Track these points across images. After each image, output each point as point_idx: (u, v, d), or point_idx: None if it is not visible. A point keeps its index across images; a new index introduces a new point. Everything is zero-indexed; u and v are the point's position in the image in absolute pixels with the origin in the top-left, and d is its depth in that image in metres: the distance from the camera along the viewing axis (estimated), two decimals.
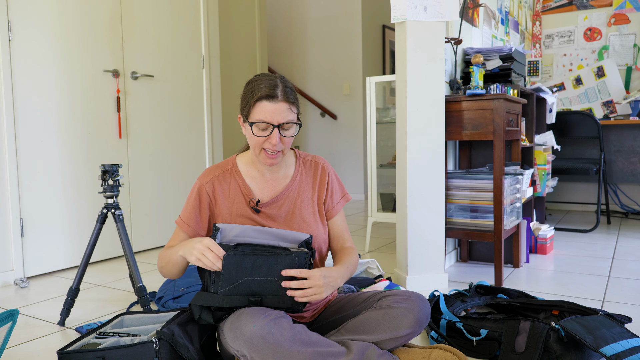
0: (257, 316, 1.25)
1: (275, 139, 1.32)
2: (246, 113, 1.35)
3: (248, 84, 1.37)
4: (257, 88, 1.32)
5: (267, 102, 1.31)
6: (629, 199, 4.33)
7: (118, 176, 1.95)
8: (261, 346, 1.21)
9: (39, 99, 2.65)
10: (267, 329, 1.22)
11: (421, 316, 1.37)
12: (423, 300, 1.41)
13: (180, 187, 3.43)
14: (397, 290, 1.50)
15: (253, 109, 1.33)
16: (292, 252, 1.30)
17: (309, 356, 1.20)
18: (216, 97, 3.72)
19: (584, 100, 4.49)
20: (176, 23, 3.39)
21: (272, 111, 1.31)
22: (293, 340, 1.22)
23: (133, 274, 1.92)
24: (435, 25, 2.22)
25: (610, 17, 4.40)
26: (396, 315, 1.35)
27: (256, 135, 1.34)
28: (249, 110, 1.33)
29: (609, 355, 1.29)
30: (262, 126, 1.32)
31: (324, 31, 5.63)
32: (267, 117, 1.31)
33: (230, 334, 1.27)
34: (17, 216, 2.55)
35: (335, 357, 1.23)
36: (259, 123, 1.32)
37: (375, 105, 3.03)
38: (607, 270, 2.55)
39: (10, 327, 1.32)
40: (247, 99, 1.34)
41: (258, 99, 1.31)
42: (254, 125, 1.33)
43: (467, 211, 2.41)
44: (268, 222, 1.43)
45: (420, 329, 1.38)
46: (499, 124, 2.25)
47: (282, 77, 1.37)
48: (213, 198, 1.42)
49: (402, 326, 1.34)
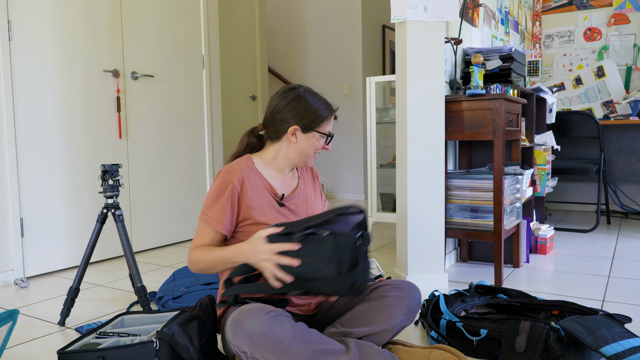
0: (258, 313, 1.27)
1: (329, 145, 1.58)
2: (312, 126, 1.49)
3: (303, 99, 1.49)
4: (325, 105, 1.52)
5: (332, 118, 1.54)
6: (629, 199, 4.33)
7: (118, 176, 1.95)
8: (261, 342, 1.22)
9: (39, 99, 2.65)
10: (268, 326, 1.23)
11: (412, 303, 1.44)
12: (414, 287, 1.48)
13: (180, 186, 3.43)
14: (388, 280, 1.53)
15: (324, 122, 1.51)
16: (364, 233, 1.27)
17: (309, 353, 1.21)
18: (216, 97, 3.72)
19: (584, 100, 4.49)
20: (176, 23, 3.39)
21: (332, 125, 1.56)
22: (293, 337, 1.23)
23: (133, 274, 1.92)
24: (435, 25, 2.22)
25: (610, 17, 4.40)
26: (388, 303, 1.41)
27: (317, 143, 1.52)
28: (320, 123, 1.50)
29: (609, 355, 1.29)
30: (323, 136, 1.53)
31: (324, 31, 5.63)
32: (330, 129, 1.55)
33: (231, 330, 1.29)
34: (17, 216, 2.55)
35: (335, 355, 1.24)
36: (325, 134, 1.52)
37: (375, 105, 3.03)
38: (607, 270, 2.55)
39: (10, 327, 1.32)
40: (316, 114, 1.49)
41: (330, 115, 1.52)
42: (320, 136, 1.51)
43: (467, 211, 2.41)
44: (291, 216, 1.52)
45: (413, 315, 1.45)
46: (499, 124, 2.25)
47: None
48: (240, 193, 1.46)
49: (395, 314, 1.40)
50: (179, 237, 3.44)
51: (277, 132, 1.50)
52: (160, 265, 2.84)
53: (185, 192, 3.48)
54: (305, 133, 1.49)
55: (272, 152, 1.52)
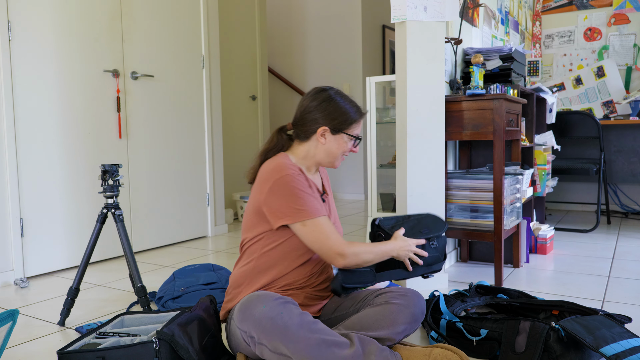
0: (267, 298, 1.30)
1: (357, 148, 1.61)
2: (341, 127, 1.52)
3: (334, 101, 1.52)
4: (355, 108, 1.55)
5: (361, 121, 1.57)
6: (629, 199, 4.33)
7: (118, 176, 1.95)
8: (269, 327, 1.25)
9: (39, 99, 2.65)
10: (277, 311, 1.27)
11: (417, 311, 1.44)
12: (418, 295, 1.49)
13: (180, 186, 3.43)
14: (393, 287, 1.54)
15: (353, 125, 1.54)
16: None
17: (315, 342, 1.23)
18: (216, 97, 3.72)
19: (584, 100, 4.49)
20: (176, 23, 3.39)
21: (360, 128, 1.59)
22: (301, 325, 1.25)
23: (133, 274, 1.92)
24: (435, 25, 2.22)
25: (610, 17, 4.40)
26: (393, 310, 1.41)
27: (345, 145, 1.55)
28: (349, 125, 1.53)
29: (609, 355, 1.29)
30: (352, 139, 1.55)
31: (324, 31, 5.63)
32: (359, 132, 1.58)
33: (240, 315, 1.32)
34: (17, 216, 2.55)
35: (340, 347, 1.25)
36: (353, 137, 1.55)
37: (375, 105, 3.03)
38: (607, 270, 2.55)
39: (10, 327, 1.32)
40: (346, 117, 1.52)
41: (359, 118, 1.55)
42: (348, 138, 1.54)
43: (467, 211, 2.41)
44: (328, 210, 1.60)
45: (417, 324, 1.45)
46: (499, 124, 2.25)
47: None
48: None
49: (399, 321, 1.40)
50: (179, 237, 3.44)
51: (306, 132, 1.53)
52: (160, 265, 2.84)
53: (185, 192, 3.48)
54: (335, 134, 1.52)
55: (302, 151, 1.55)
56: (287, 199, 1.41)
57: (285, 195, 1.41)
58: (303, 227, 1.41)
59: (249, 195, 4.18)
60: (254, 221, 1.49)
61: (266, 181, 1.44)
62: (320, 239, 1.41)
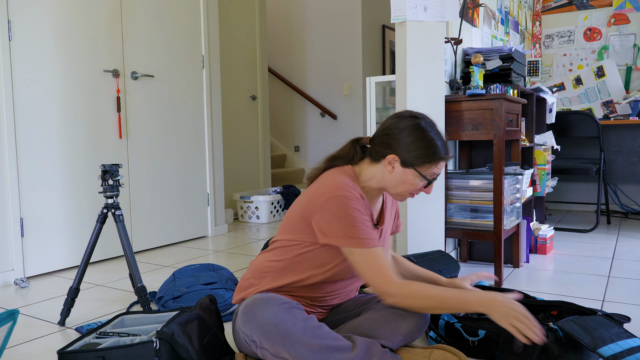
0: (272, 303, 1.28)
1: (430, 189, 1.43)
2: (414, 162, 1.36)
3: (419, 130, 1.36)
4: (439, 147, 1.37)
5: (442, 163, 1.39)
6: (629, 199, 4.33)
7: (118, 176, 1.95)
8: (272, 333, 1.24)
9: (39, 99, 2.65)
10: (280, 317, 1.25)
11: (420, 320, 1.40)
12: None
13: (180, 186, 3.43)
14: None
15: (432, 164, 1.37)
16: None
17: (317, 348, 1.23)
18: (216, 97, 3.72)
19: (584, 100, 4.49)
20: (176, 23, 3.39)
21: (439, 169, 1.40)
22: (304, 331, 1.24)
23: (133, 274, 1.92)
24: (435, 25, 2.22)
25: (610, 17, 4.40)
26: (395, 317, 1.38)
27: (413, 182, 1.38)
28: (424, 163, 1.36)
29: (607, 355, 1.30)
30: (423, 180, 1.38)
31: (324, 31, 5.63)
32: (436, 174, 1.39)
33: (243, 317, 1.30)
34: (17, 216, 2.55)
35: (342, 352, 1.24)
36: (425, 178, 1.38)
37: (375, 105, 3.03)
38: (607, 270, 2.55)
39: (11, 327, 1.32)
40: (423, 151, 1.35)
41: (439, 160, 1.37)
42: (418, 176, 1.37)
43: (467, 211, 2.41)
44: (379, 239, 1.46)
45: (419, 333, 1.41)
46: (499, 124, 2.25)
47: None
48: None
49: (401, 329, 1.37)
50: (179, 237, 3.45)
51: (377, 153, 1.40)
52: (160, 265, 2.84)
53: (185, 192, 3.48)
54: (404, 167, 1.37)
55: (370, 172, 1.42)
56: (339, 220, 1.31)
57: (338, 216, 1.31)
58: (350, 255, 1.32)
59: (249, 195, 4.19)
60: (300, 225, 1.39)
61: (322, 194, 1.34)
62: (368, 272, 1.31)
